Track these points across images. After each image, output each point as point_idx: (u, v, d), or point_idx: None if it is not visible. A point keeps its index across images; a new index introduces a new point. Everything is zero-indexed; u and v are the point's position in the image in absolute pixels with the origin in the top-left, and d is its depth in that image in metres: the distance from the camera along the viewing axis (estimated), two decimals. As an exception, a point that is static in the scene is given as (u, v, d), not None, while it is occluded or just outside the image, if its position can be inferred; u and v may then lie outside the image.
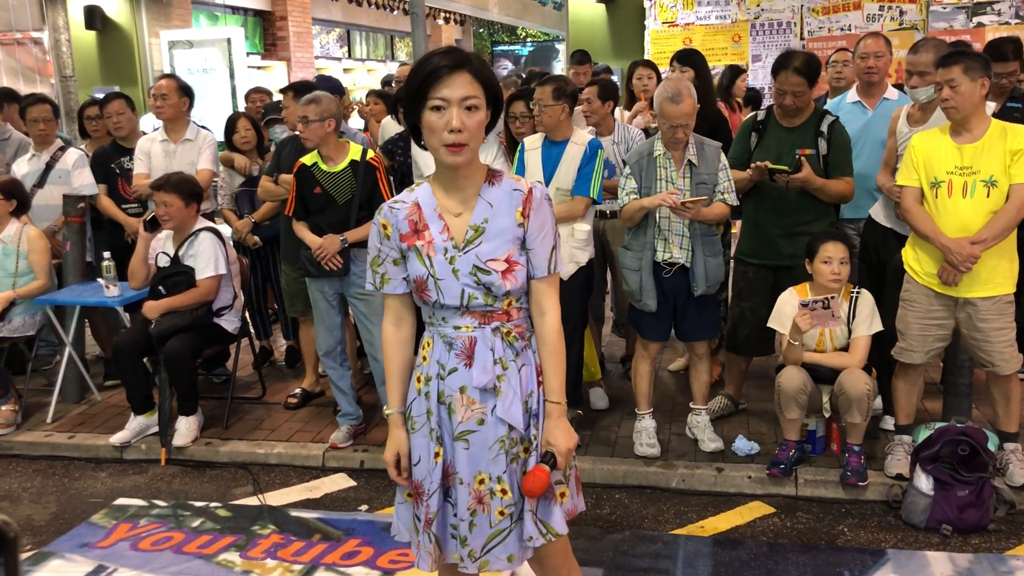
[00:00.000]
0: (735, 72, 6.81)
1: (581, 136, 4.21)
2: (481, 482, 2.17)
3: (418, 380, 2.24)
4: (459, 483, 2.19)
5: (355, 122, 7.60)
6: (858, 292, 3.94)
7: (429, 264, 2.13)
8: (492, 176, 2.17)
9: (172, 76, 5.61)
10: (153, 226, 4.63)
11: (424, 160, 4.30)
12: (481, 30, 25.78)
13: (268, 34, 15.07)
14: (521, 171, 4.23)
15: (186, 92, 5.37)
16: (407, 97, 2.07)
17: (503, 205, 2.14)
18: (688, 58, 4.87)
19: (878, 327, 3.88)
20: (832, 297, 3.77)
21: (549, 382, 2.21)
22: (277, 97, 6.57)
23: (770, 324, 4.02)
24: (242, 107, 6.88)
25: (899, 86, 4.59)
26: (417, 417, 2.24)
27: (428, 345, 2.23)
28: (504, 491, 2.17)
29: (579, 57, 6.94)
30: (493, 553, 2.19)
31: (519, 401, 2.17)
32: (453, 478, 2.21)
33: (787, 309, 3.94)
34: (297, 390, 5.06)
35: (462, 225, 2.14)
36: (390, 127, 5.35)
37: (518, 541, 2.20)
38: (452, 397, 2.18)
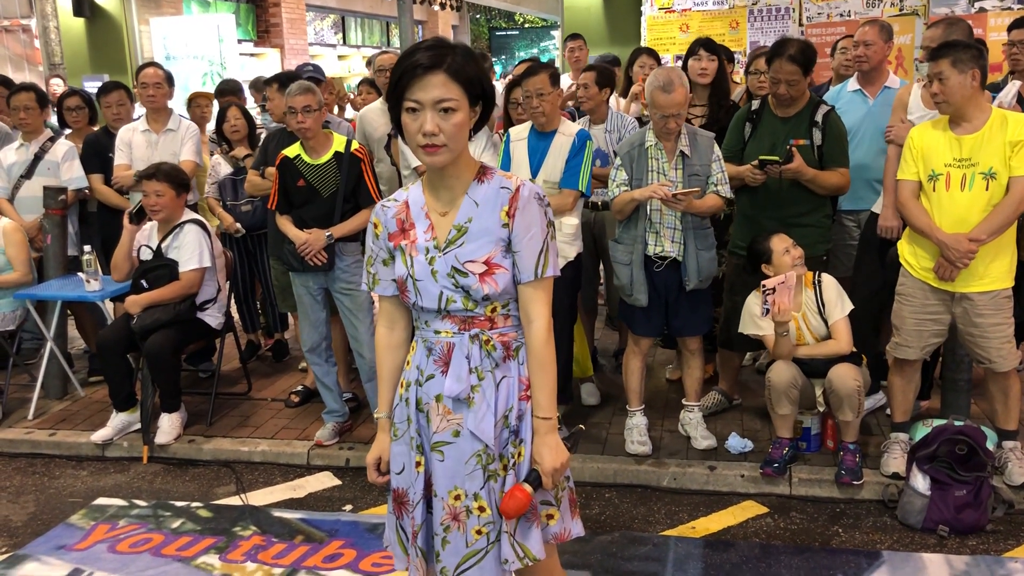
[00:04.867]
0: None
1: (569, 127, 4.10)
2: (457, 498, 2.07)
3: (401, 385, 2.17)
4: (434, 496, 2.11)
5: (351, 113, 7.41)
6: (819, 278, 3.89)
7: (410, 264, 2.05)
8: (483, 173, 2.05)
9: (157, 64, 5.50)
10: (139, 218, 4.53)
11: (410, 152, 4.18)
12: (478, 16, 25.59)
13: (261, 21, 14.92)
14: (507, 163, 4.12)
15: (171, 81, 5.30)
16: (388, 94, 1.99)
17: (489, 204, 2.02)
18: (713, 46, 4.72)
19: (849, 306, 3.85)
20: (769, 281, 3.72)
21: (536, 396, 2.08)
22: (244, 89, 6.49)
23: (741, 330, 3.94)
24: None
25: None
26: (399, 424, 2.17)
27: (412, 349, 2.16)
28: (482, 508, 2.06)
29: (573, 34, 6.83)
30: (468, 574, 2.07)
31: (491, 415, 2.05)
32: (432, 490, 2.12)
33: (756, 310, 3.87)
34: (299, 387, 4.96)
35: (447, 225, 2.04)
36: (370, 116, 5.15)
37: (496, 564, 2.08)
38: (429, 405, 2.10)
